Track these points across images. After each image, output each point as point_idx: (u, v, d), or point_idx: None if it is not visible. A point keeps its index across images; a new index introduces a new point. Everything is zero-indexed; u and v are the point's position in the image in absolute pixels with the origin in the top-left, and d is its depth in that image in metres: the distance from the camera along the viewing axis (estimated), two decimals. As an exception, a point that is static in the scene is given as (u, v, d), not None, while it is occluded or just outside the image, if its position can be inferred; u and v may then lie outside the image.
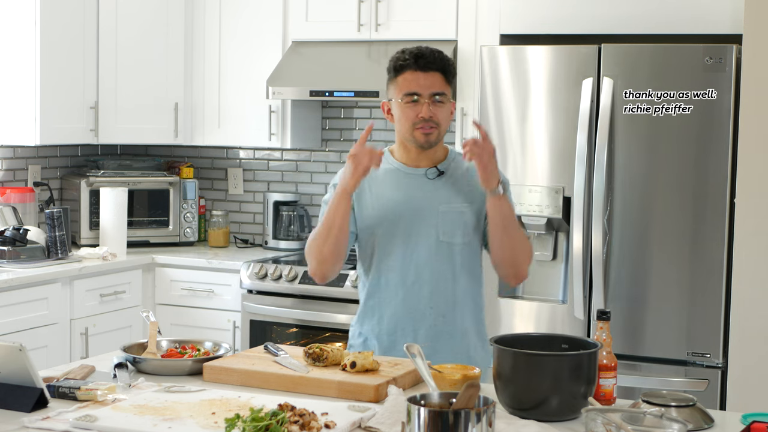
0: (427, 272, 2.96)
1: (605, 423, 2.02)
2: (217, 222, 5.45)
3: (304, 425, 2.15)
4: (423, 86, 2.91)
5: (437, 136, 2.95)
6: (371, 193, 3.01)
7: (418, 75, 2.92)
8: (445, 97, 2.93)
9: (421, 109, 2.91)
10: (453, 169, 3.02)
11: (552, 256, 4.13)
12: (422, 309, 2.97)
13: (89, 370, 2.65)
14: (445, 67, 2.93)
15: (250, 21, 5.14)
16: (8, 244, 4.57)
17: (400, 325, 2.98)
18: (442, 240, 2.95)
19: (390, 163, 3.04)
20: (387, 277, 2.99)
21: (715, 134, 3.84)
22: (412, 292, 2.97)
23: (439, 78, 2.92)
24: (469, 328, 3.00)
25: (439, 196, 2.97)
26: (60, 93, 4.93)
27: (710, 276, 3.86)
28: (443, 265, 2.96)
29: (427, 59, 2.91)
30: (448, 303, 2.97)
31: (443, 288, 2.97)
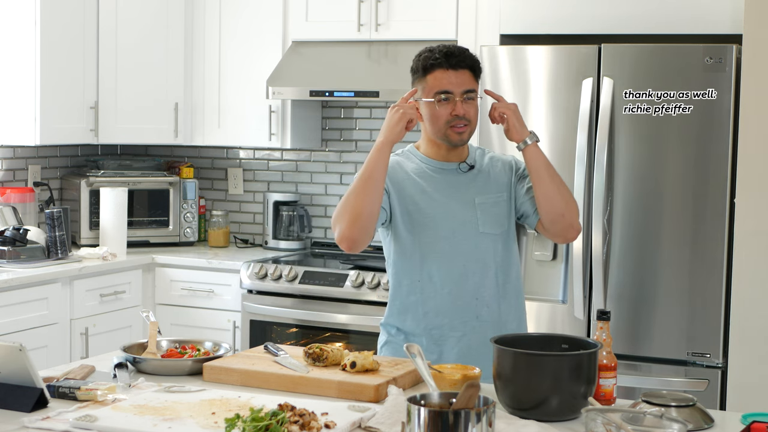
0: (471, 264, 2.99)
1: (605, 423, 2.02)
2: (217, 222, 5.45)
3: (304, 425, 2.15)
4: (455, 84, 2.93)
5: (470, 133, 2.99)
6: (403, 188, 3.01)
7: (449, 73, 2.94)
8: (475, 95, 2.97)
9: (454, 107, 2.93)
10: (480, 161, 3.08)
11: (552, 256, 4.13)
12: (468, 300, 2.99)
13: (89, 370, 2.65)
14: (474, 64, 2.97)
15: (250, 21, 5.14)
16: (8, 244, 4.57)
17: (448, 318, 3.00)
18: (482, 231, 2.99)
19: (419, 161, 3.07)
20: (431, 272, 3.00)
21: (715, 134, 3.84)
22: (459, 285, 2.99)
23: (468, 75, 2.95)
24: (512, 317, 3.05)
25: (474, 188, 3.02)
26: (60, 93, 4.93)
27: (710, 276, 3.86)
28: (486, 256, 3.00)
29: (458, 57, 2.94)
30: (493, 293, 3.01)
31: (488, 279, 3.00)
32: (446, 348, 2.99)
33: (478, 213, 3.00)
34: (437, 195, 3.02)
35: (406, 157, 3.09)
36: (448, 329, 3.00)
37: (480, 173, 3.05)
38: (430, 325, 3.01)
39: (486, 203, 3.01)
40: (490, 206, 3.01)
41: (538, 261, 4.15)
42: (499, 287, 3.03)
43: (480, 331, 2.97)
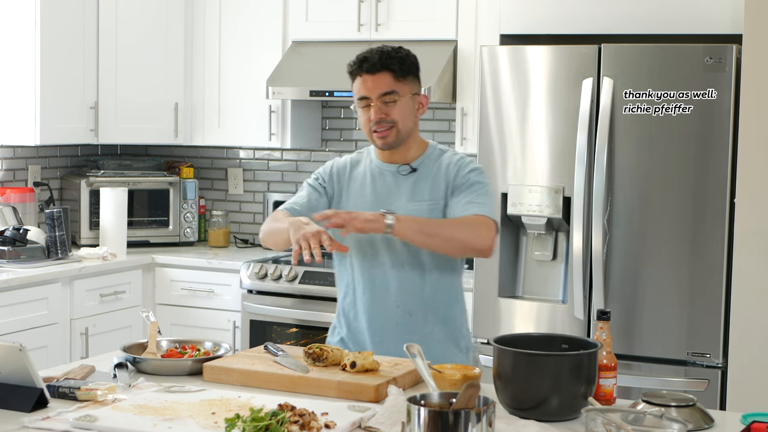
0: (394, 270, 2.96)
1: (605, 423, 2.02)
2: (217, 222, 5.45)
3: (304, 425, 2.15)
4: (371, 89, 2.93)
5: (395, 135, 2.94)
6: (348, 189, 3.04)
7: (366, 78, 2.94)
8: (397, 95, 2.92)
9: (371, 113, 2.92)
10: (427, 164, 3.00)
11: (552, 256, 4.13)
12: (390, 307, 2.98)
13: (89, 370, 2.65)
14: (390, 65, 2.92)
15: (250, 21, 5.14)
16: (8, 244, 4.57)
17: (371, 323, 3.00)
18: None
19: (370, 160, 3.06)
20: (358, 276, 3.01)
21: (715, 134, 3.84)
22: (380, 290, 2.98)
23: (387, 77, 2.92)
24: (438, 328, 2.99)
25: (407, 192, 2.97)
26: (60, 93, 4.93)
27: (710, 276, 3.86)
28: (410, 263, 2.96)
29: (371, 61, 2.92)
30: (416, 300, 2.97)
31: (410, 285, 2.97)
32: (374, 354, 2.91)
33: None
34: (372, 198, 2.99)
35: (363, 157, 3.09)
36: (369, 334, 2.99)
37: (421, 177, 2.98)
38: (355, 330, 3.02)
39: (418, 210, 2.94)
40: (422, 212, 2.94)
41: (538, 261, 4.16)
42: (426, 297, 2.97)
43: (401, 339, 2.86)
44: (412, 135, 3.00)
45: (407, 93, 2.95)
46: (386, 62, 2.92)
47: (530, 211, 4.06)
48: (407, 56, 2.98)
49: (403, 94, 2.94)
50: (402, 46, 3.01)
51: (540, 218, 4.05)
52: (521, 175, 4.10)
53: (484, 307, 4.18)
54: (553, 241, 4.12)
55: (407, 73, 2.96)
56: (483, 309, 4.18)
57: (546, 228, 4.07)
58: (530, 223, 4.07)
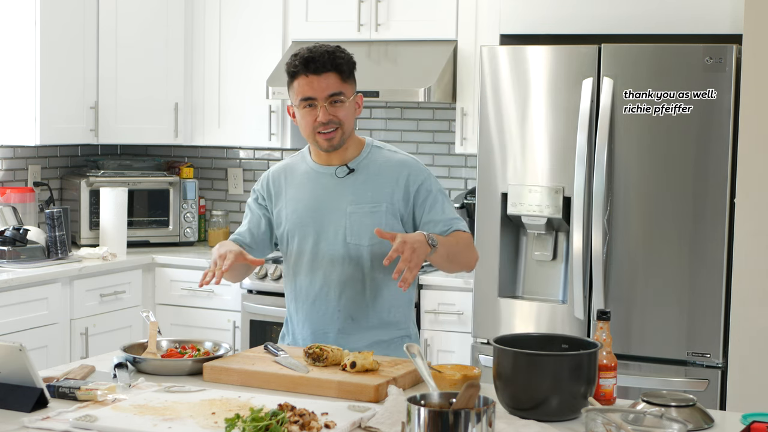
0: (335, 275, 2.92)
1: (605, 423, 2.02)
2: (217, 222, 5.45)
3: (304, 425, 2.15)
4: (317, 89, 2.84)
5: (341, 136, 2.88)
6: (286, 196, 3.00)
7: (311, 79, 2.84)
8: (344, 96, 2.86)
9: (317, 115, 2.85)
10: (366, 165, 2.95)
11: (552, 256, 4.13)
12: (331, 312, 2.94)
13: (89, 370, 2.65)
14: (339, 65, 2.86)
15: (250, 21, 5.14)
16: (8, 244, 4.57)
17: (316, 328, 2.97)
18: (349, 242, 2.91)
19: (305, 163, 3.01)
20: (300, 281, 2.98)
21: (715, 134, 3.84)
22: (321, 295, 2.95)
23: (333, 78, 2.85)
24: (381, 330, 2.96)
25: (347, 195, 2.92)
26: (60, 93, 4.93)
27: (710, 276, 3.86)
28: (352, 268, 2.91)
29: (317, 62, 2.83)
30: (358, 305, 2.93)
31: (352, 291, 2.93)
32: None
33: (347, 222, 2.91)
34: (310, 202, 2.95)
35: (298, 160, 3.04)
36: (312, 340, 2.96)
37: (359, 178, 2.93)
38: (305, 335, 3.00)
39: (357, 212, 2.91)
40: (363, 216, 2.90)
41: (538, 261, 4.16)
42: (368, 300, 2.94)
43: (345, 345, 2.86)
44: (352, 136, 2.95)
45: (351, 94, 2.89)
46: (335, 63, 2.85)
47: (530, 211, 4.06)
48: (350, 57, 2.92)
49: (348, 96, 2.88)
50: (339, 45, 2.94)
51: (540, 218, 4.05)
52: (521, 175, 4.10)
53: (484, 307, 4.18)
54: (553, 241, 4.12)
55: (350, 74, 2.90)
56: (483, 309, 4.18)
57: (546, 228, 4.07)
58: (530, 223, 4.07)
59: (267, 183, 3.05)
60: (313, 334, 2.98)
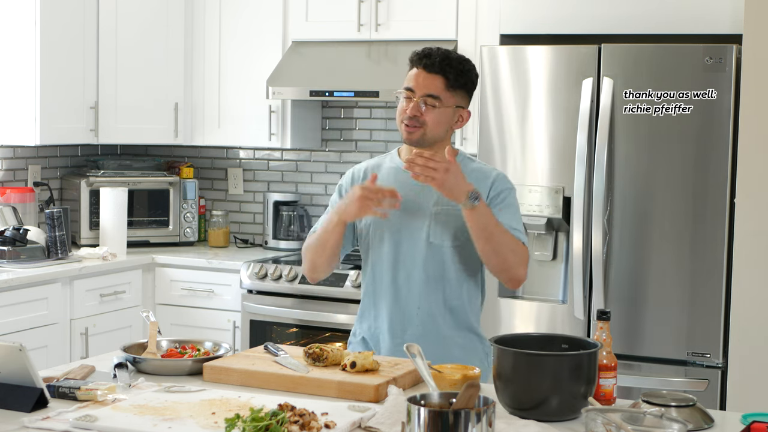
0: (416, 273, 2.95)
1: (605, 423, 2.02)
2: (217, 222, 5.45)
3: (304, 425, 2.15)
4: (419, 85, 2.90)
5: (421, 136, 2.91)
6: None
7: (420, 73, 2.91)
8: (439, 101, 2.89)
9: (409, 107, 2.91)
10: None
11: (552, 256, 4.13)
12: (411, 310, 2.97)
13: (89, 370, 2.65)
14: (448, 72, 2.90)
15: (250, 21, 5.14)
16: (8, 244, 4.57)
17: (393, 325, 2.99)
18: (432, 242, 2.94)
19: (393, 162, 3.05)
20: (381, 277, 3.01)
21: (715, 134, 3.84)
22: (402, 292, 2.97)
23: (439, 81, 2.90)
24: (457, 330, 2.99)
25: (432, 196, 2.95)
26: (60, 93, 4.93)
27: (710, 276, 3.86)
28: (433, 267, 2.95)
29: (431, 59, 2.90)
30: (438, 305, 2.97)
31: (433, 290, 2.96)
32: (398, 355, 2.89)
33: (430, 222, 2.95)
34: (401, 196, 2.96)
35: (386, 159, 3.08)
36: (393, 336, 2.98)
37: None
38: (380, 330, 3.02)
39: (441, 213, 2.94)
40: (447, 217, 2.94)
41: (538, 261, 4.16)
42: (447, 301, 2.97)
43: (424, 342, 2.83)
44: (441, 143, 2.96)
45: (451, 104, 2.92)
46: (444, 67, 2.90)
47: (530, 211, 4.06)
48: (468, 71, 2.95)
49: (447, 104, 2.91)
50: (469, 60, 2.97)
51: (540, 218, 4.05)
52: (521, 175, 4.10)
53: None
54: (553, 241, 4.12)
55: (460, 86, 2.93)
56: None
57: (546, 228, 4.08)
58: (530, 223, 4.07)
59: (352, 177, 3.08)
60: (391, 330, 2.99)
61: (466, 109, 2.97)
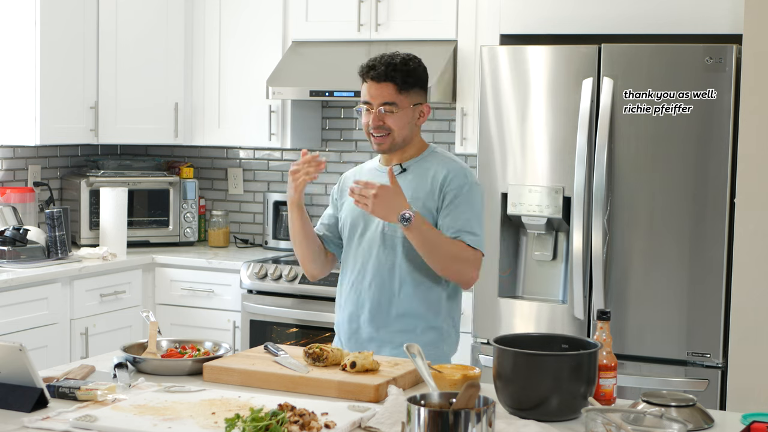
0: (370, 263, 3.07)
1: (605, 423, 2.02)
2: (217, 222, 5.46)
3: (304, 425, 2.15)
4: (374, 96, 3.03)
5: (391, 142, 3.05)
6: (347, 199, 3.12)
7: (371, 85, 3.04)
8: (396, 107, 3.01)
9: (370, 118, 3.03)
10: (418, 165, 3.09)
11: (552, 256, 4.13)
12: (363, 299, 3.07)
13: (89, 370, 2.65)
14: (395, 78, 3.01)
15: (250, 21, 5.14)
16: (8, 244, 4.57)
17: (352, 315, 3.10)
18: (386, 232, 3.05)
19: (373, 164, 3.20)
20: (345, 270, 3.15)
21: (715, 134, 3.84)
22: (357, 282, 3.09)
23: (389, 88, 3.01)
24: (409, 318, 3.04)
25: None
26: (60, 93, 4.93)
27: (710, 276, 3.86)
28: (385, 257, 3.05)
29: (377, 71, 3.02)
30: (387, 293, 3.05)
31: (383, 278, 3.05)
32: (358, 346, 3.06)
33: None
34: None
35: (371, 162, 3.22)
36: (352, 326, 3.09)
37: (408, 177, 3.07)
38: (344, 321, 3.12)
39: None
40: None
41: (538, 261, 4.15)
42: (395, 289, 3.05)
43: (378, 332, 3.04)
44: (411, 140, 3.09)
45: (408, 105, 3.04)
46: (391, 74, 3.02)
47: (530, 211, 4.06)
48: (414, 70, 3.06)
49: (403, 106, 3.04)
50: (413, 57, 3.09)
51: (540, 218, 4.05)
52: (521, 175, 4.10)
53: (484, 307, 4.18)
54: (553, 241, 4.12)
55: (411, 86, 3.05)
56: (483, 309, 4.18)
57: (546, 228, 4.08)
58: (530, 223, 4.07)
59: (341, 181, 3.26)
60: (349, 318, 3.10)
61: (425, 104, 3.09)
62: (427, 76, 3.11)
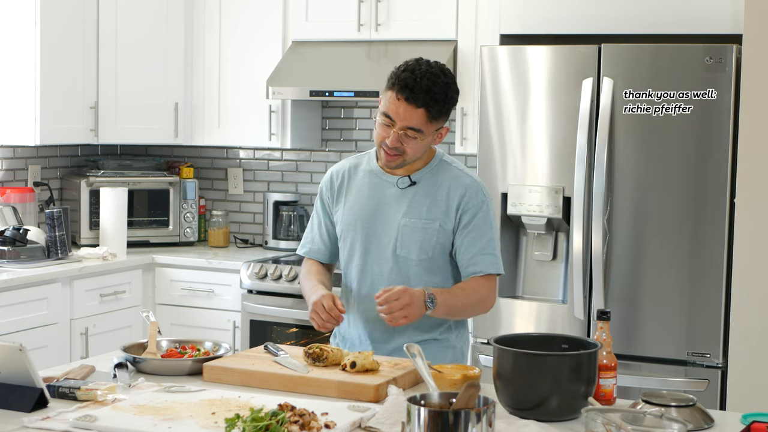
0: (381, 284, 2.89)
1: (605, 423, 2.02)
2: (217, 222, 5.45)
3: (304, 425, 2.15)
4: (400, 116, 2.81)
5: (401, 162, 2.88)
6: (348, 195, 3.01)
7: (399, 103, 2.80)
8: (420, 134, 2.81)
9: (389, 135, 2.83)
10: (428, 179, 2.94)
11: (552, 256, 4.13)
12: (374, 319, 2.92)
13: (89, 370, 2.65)
14: (430, 105, 2.79)
15: (250, 21, 5.14)
16: (8, 244, 4.57)
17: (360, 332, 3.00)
18: (399, 254, 2.92)
19: (371, 165, 3.01)
20: (350, 284, 3.02)
21: (715, 134, 3.84)
22: (367, 302, 2.95)
23: (420, 115, 2.79)
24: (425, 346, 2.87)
25: (403, 207, 2.92)
26: (60, 93, 4.93)
27: (710, 276, 3.86)
28: (398, 279, 2.90)
29: (413, 93, 2.78)
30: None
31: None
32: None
33: (398, 234, 2.91)
34: (367, 207, 2.96)
35: (364, 161, 3.04)
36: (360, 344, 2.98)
37: (419, 192, 2.92)
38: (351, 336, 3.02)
39: (410, 226, 2.90)
40: (415, 230, 2.90)
41: (538, 261, 4.16)
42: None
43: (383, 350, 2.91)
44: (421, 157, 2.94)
45: (432, 131, 2.85)
46: (428, 103, 2.79)
47: (530, 211, 4.06)
48: (450, 99, 2.84)
49: (428, 134, 2.84)
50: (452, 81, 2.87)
51: (540, 218, 4.05)
52: (521, 175, 4.10)
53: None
54: (553, 241, 4.12)
55: (442, 115, 2.84)
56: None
57: (546, 228, 4.08)
58: (530, 223, 4.07)
59: (331, 180, 3.06)
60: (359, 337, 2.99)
61: (445, 126, 2.91)
62: (457, 99, 2.90)
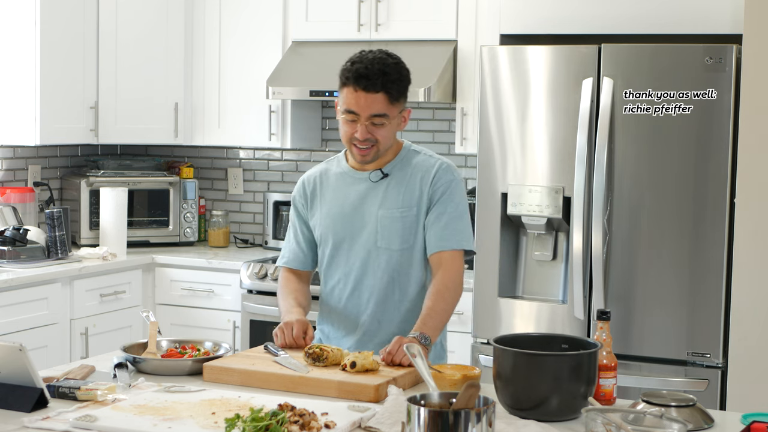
0: (366, 279, 2.95)
1: (605, 423, 2.02)
2: (217, 222, 5.46)
3: (304, 425, 2.15)
4: (362, 107, 2.83)
5: (375, 153, 2.90)
6: (322, 200, 3.03)
7: (359, 95, 2.82)
8: (386, 118, 2.84)
9: (357, 130, 2.85)
10: (399, 168, 2.97)
11: (552, 256, 4.12)
12: (361, 315, 2.97)
13: (89, 370, 2.65)
14: (389, 87, 2.82)
15: (250, 21, 5.14)
16: (8, 244, 4.57)
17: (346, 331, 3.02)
18: (380, 246, 2.94)
19: (341, 167, 3.03)
20: (333, 285, 3.03)
21: (715, 134, 3.84)
22: (353, 299, 2.99)
23: (380, 99, 2.82)
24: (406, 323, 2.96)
25: (379, 200, 2.95)
26: (60, 93, 4.93)
27: (710, 276, 3.86)
28: (382, 272, 2.94)
29: (370, 80, 2.80)
30: (386, 309, 2.97)
31: (381, 294, 2.96)
32: None
33: (378, 226, 2.94)
34: (345, 207, 2.98)
35: (333, 165, 3.06)
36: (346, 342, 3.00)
37: (392, 183, 2.95)
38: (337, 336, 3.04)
39: (388, 217, 2.93)
40: (393, 220, 2.93)
41: (538, 261, 4.15)
42: (394, 304, 2.97)
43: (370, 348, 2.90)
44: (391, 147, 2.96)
45: (396, 114, 2.88)
46: (386, 85, 2.82)
47: (530, 211, 4.06)
48: (405, 77, 2.88)
49: (393, 116, 2.87)
50: (399, 60, 2.90)
51: (540, 218, 4.05)
52: (521, 175, 4.10)
53: (484, 307, 4.18)
54: (553, 241, 4.12)
55: (401, 95, 2.88)
56: (483, 309, 4.18)
57: (546, 228, 4.07)
58: (530, 223, 4.07)
59: (303, 188, 3.07)
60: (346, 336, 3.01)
61: (407, 108, 2.94)
62: (410, 78, 2.92)
